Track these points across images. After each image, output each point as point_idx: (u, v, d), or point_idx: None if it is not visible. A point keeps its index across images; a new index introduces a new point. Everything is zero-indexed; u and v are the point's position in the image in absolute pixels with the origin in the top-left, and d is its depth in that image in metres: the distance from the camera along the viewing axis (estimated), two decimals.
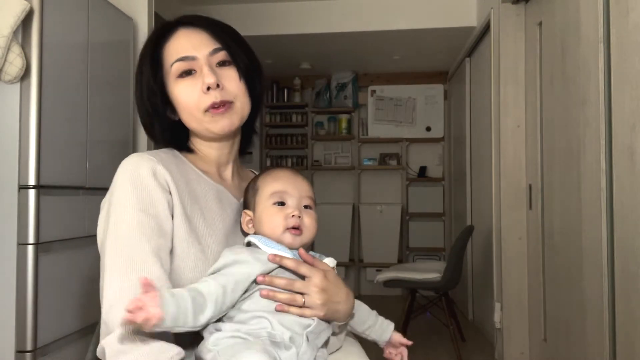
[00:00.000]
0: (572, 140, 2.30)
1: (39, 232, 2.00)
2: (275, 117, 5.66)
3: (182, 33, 1.02)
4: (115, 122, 2.61)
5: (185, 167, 1.03)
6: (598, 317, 2.00)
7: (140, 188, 0.93)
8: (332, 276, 0.99)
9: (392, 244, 5.32)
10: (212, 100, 0.98)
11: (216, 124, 1.00)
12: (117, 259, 0.89)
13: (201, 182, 1.03)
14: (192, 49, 1.00)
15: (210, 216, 1.00)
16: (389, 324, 1.14)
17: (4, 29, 1.90)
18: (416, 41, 4.39)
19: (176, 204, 0.96)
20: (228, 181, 1.10)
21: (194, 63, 1.00)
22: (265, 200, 1.00)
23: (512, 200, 3.12)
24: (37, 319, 1.99)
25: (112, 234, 0.91)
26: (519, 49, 3.11)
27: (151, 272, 0.87)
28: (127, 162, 0.97)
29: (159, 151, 1.04)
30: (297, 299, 0.92)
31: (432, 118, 5.49)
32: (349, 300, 1.01)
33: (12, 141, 2.00)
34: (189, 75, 1.00)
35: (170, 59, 1.01)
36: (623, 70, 1.80)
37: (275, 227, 0.98)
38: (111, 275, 0.88)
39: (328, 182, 5.67)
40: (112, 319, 0.85)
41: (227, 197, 1.06)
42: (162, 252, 0.91)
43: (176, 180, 0.98)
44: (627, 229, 1.78)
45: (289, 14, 4.12)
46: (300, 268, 0.95)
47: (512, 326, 3.10)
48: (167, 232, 0.93)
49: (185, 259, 0.94)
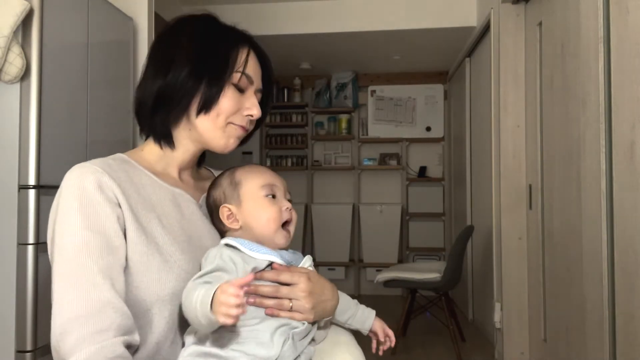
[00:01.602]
0: (572, 140, 2.30)
1: (39, 232, 2.00)
2: (275, 117, 5.66)
3: (254, 56, 1.06)
4: (115, 122, 2.61)
5: (137, 173, 1.00)
6: (598, 317, 2.00)
7: (85, 204, 0.89)
8: (315, 276, 0.99)
9: (392, 244, 5.32)
10: (244, 125, 1.04)
11: (228, 139, 1.03)
12: (65, 284, 0.87)
13: (156, 188, 1.00)
14: (255, 74, 1.05)
15: (168, 223, 0.97)
16: (370, 312, 1.13)
17: (4, 29, 1.90)
18: (416, 41, 4.39)
19: (127, 217, 0.92)
20: (186, 182, 1.08)
21: (250, 86, 1.04)
22: (255, 192, 0.99)
23: (512, 200, 3.12)
24: (37, 319, 1.99)
25: (58, 256, 0.89)
26: (519, 49, 3.11)
27: (100, 295, 0.85)
28: (71, 175, 0.92)
29: (107, 159, 0.99)
30: (284, 304, 0.92)
31: (432, 118, 5.49)
32: (335, 295, 1.02)
33: (12, 141, 2.00)
34: (239, 91, 1.03)
35: (238, 65, 1.02)
36: (623, 70, 1.80)
37: (271, 219, 0.98)
38: (61, 300, 0.86)
39: (328, 182, 5.67)
40: (62, 347, 0.84)
41: (184, 199, 1.03)
42: (113, 270, 0.88)
43: (125, 190, 0.94)
44: (627, 229, 1.78)
45: (289, 14, 4.12)
46: (281, 277, 0.94)
47: (512, 326, 3.10)
48: (117, 248, 0.89)
49: (147, 273, 0.91)
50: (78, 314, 0.84)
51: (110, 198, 0.91)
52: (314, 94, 5.62)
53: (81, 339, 0.82)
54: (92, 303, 0.85)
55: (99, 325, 0.83)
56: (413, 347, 3.60)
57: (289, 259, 0.99)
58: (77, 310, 0.84)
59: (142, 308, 0.91)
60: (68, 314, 0.85)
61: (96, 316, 0.84)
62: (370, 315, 1.12)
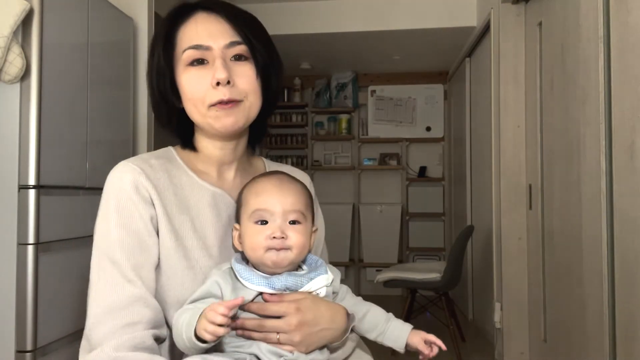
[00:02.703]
0: (572, 140, 2.30)
1: (38, 232, 2.00)
2: (275, 117, 5.66)
3: (200, 18, 0.94)
4: (115, 122, 2.61)
5: (178, 172, 0.99)
6: (598, 317, 2.00)
7: (122, 203, 0.92)
8: (308, 306, 0.90)
9: (392, 244, 5.32)
10: (220, 97, 0.91)
11: (219, 121, 0.93)
12: (100, 277, 0.90)
13: (195, 188, 0.98)
14: (208, 37, 0.92)
15: (201, 227, 0.96)
16: (404, 327, 1.01)
17: (4, 29, 1.90)
18: (416, 41, 4.39)
19: (160, 218, 0.93)
20: (229, 182, 1.03)
21: (208, 53, 0.92)
22: (246, 219, 0.93)
23: (512, 200, 3.12)
24: (37, 319, 1.99)
25: (95, 250, 0.92)
26: (519, 49, 3.11)
27: (132, 291, 0.88)
28: (113, 173, 0.95)
29: (153, 154, 1.00)
30: (271, 339, 0.89)
31: (432, 118, 5.49)
32: (336, 321, 0.93)
33: (12, 141, 2.00)
34: (200, 64, 0.93)
35: (183, 44, 0.94)
36: (623, 69, 1.80)
37: (255, 248, 0.91)
38: (95, 293, 0.90)
39: (328, 182, 5.67)
40: (94, 336, 0.87)
41: (224, 201, 1.00)
42: (144, 269, 0.90)
43: (162, 192, 0.94)
44: (627, 229, 1.78)
45: (289, 14, 4.12)
46: (268, 310, 0.89)
47: (512, 326, 3.10)
48: (149, 248, 0.92)
49: (172, 276, 0.92)
50: (111, 306, 0.87)
51: (146, 198, 0.93)
52: (314, 94, 5.62)
53: (113, 330, 0.86)
54: (124, 297, 0.88)
55: (130, 318, 0.87)
56: None
57: (287, 284, 0.92)
58: (111, 303, 0.87)
59: (163, 307, 0.93)
60: (102, 306, 0.88)
61: (128, 310, 0.87)
62: (403, 332, 1.00)
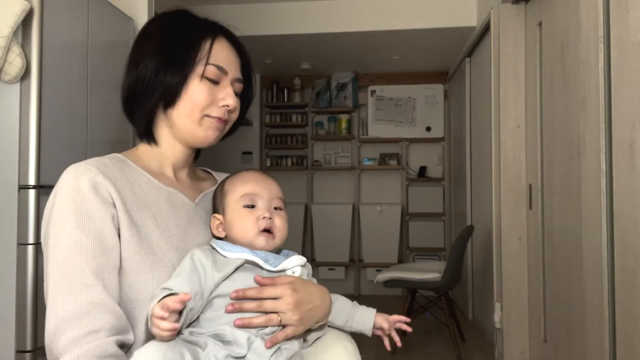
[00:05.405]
0: (572, 140, 2.30)
1: (38, 232, 2.00)
2: (275, 117, 5.66)
3: (225, 43, 1.05)
4: (115, 122, 2.61)
5: (133, 172, 1.01)
6: (598, 317, 2.00)
7: (79, 205, 0.89)
8: (300, 285, 0.96)
9: (392, 244, 5.32)
10: (221, 115, 1.02)
11: (207, 131, 1.02)
12: (58, 284, 0.87)
13: (151, 187, 1.00)
14: (228, 64, 1.03)
15: (163, 222, 0.98)
16: (369, 311, 1.09)
17: (4, 29, 1.90)
18: (416, 41, 4.39)
19: (122, 216, 0.92)
20: (183, 182, 1.08)
21: (223, 77, 1.03)
22: (235, 203, 0.99)
23: (512, 200, 3.12)
24: (37, 319, 1.99)
25: (52, 256, 0.89)
26: (519, 49, 3.11)
27: (92, 296, 0.86)
28: (66, 176, 0.93)
29: (103, 158, 1.00)
30: (272, 319, 0.90)
31: (432, 118, 5.49)
32: (325, 299, 1.00)
33: (12, 141, 2.00)
34: (213, 82, 1.01)
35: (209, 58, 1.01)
36: (623, 70, 1.80)
37: (246, 230, 0.97)
38: (54, 301, 0.87)
39: (328, 182, 5.67)
40: (55, 347, 0.85)
41: (179, 200, 1.03)
42: (105, 272, 0.89)
43: (121, 190, 0.95)
44: (627, 229, 1.78)
45: (289, 14, 4.12)
46: (265, 293, 0.92)
47: (512, 326, 3.10)
48: (111, 249, 0.90)
49: (141, 272, 0.91)
50: (71, 314, 0.85)
51: (105, 198, 0.92)
52: (314, 94, 5.62)
53: (74, 339, 0.83)
54: (84, 304, 0.86)
55: (91, 325, 0.84)
56: (413, 347, 3.60)
57: (267, 258, 0.96)
58: (70, 311, 0.85)
59: (136, 306, 0.91)
60: (61, 315, 0.85)
61: (88, 317, 0.85)
62: (370, 315, 1.08)
